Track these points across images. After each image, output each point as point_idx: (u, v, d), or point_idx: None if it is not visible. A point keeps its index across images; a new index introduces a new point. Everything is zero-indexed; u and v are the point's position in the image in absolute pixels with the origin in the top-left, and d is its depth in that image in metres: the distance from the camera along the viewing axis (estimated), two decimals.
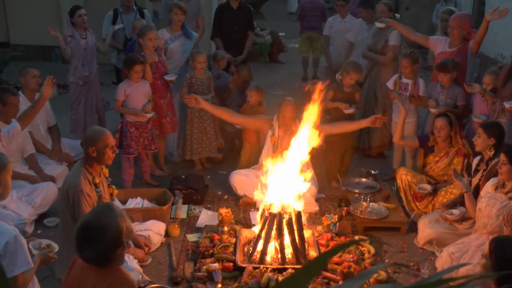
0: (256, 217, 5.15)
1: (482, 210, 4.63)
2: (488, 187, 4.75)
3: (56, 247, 3.85)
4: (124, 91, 5.94)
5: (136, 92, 5.99)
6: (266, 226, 4.69)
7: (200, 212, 5.72)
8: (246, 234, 5.04)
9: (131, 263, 4.41)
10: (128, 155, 6.04)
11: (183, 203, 5.77)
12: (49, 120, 6.48)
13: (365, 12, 7.46)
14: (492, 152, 5.00)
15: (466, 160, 5.56)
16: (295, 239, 4.66)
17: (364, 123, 6.03)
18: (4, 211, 4.85)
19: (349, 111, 6.20)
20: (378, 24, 6.56)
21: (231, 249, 4.83)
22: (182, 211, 5.67)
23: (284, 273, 4.44)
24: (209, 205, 5.92)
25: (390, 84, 6.39)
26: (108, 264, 2.90)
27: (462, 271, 4.43)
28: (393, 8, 7.40)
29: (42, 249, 3.78)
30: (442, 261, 4.69)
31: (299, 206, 4.87)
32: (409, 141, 5.98)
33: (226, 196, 6.13)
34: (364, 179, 6.24)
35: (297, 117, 5.69)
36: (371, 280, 4.46)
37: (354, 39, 7.66)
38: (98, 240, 2.83)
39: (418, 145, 5.89)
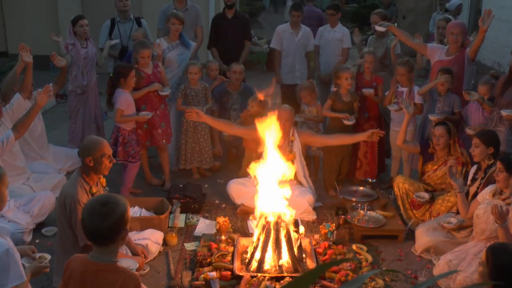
0: (254, 225, 5.16)
1: (480, 217, 4.64)
2: (486, 194, 4.76)
3: (48, 257, 3.84)
4: (126, 101, 5.97)
5: (131, 99, 6.09)
6: (263, 235, 4.70)
7: (197, 221, 5.73)
8: (243, 242, 5.04)
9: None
10: (139, 161, 6.14)
11: (181, 212, 5.77)
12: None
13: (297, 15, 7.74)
14: (491, 162, 5.01)
15: (464, 169, 5.56)
16: (292, 248, 4.66)
17: (360, 137, 6.01)
18: None
19: (349, 122, 6.21)
20: (378, 28, 6.55)
21: (229, 258, 4.83)
22: (180, 220, 5.66)
23: (282, 281, 4.43)
24: (206, 214, 5.93)
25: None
26: (108, 245, 3.00)
27: (459, 279, 4.44)
28: (387, 17, 7.45)
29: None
30: (440, 269, 4.69)
31: (296, 214, 4.88)
32: (411, 146, 5.99)
33: (223, 205, 6.14)
34: (361, 188, 6.25)
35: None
36: None
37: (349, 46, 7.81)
38: (110, 212, 2.96)
39: (419, 151, 5.90)
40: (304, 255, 4.77)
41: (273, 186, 4.87)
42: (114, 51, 7.60)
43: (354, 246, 5.19)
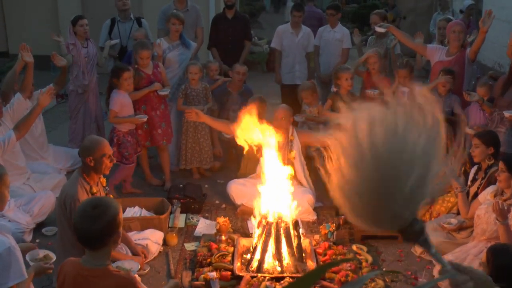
0: (254, 225, 5.15)
1: (481, 217, 4.63)
2: (487, 194, 4.76)
3: (53, 257, 3.82)
4: (120, 102, 5.96)
5: (128, 101, 6.06)
6: (263, 235, 4.69)
7: (198, 221, 5.72)
8: (243, 243, 5.03)
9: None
10: (133, 163, 6.14)
11: (181, 212, 5.77)
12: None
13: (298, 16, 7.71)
14: (492, 162, 5.00)
15: (462, 168, 5.56)
16: (292, 248, 4.66)
17: None
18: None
19: None
20: (378, 29, 6.55)
21: (229, 258, 4.82)
22: (180, 220, 5.66)
23: (282, 281, 4.43)
24: (207, 214, 5.92)
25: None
26: (99, 248, 2.97)
27: None
28: (387, 17, 7.46)
29: (38, 260, 3.75)
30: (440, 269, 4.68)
31: (296, 214, 4.87)
32: None
33: (224, 205, 6.13)
34: None
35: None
36: None
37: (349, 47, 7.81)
38: (101, 215, 2.93)
39: None
40: (304, 256, 4.77)
41: (274, 186, 4.87)
42: (114, 51, 7.59)
43: (354, 247, 5.19)
